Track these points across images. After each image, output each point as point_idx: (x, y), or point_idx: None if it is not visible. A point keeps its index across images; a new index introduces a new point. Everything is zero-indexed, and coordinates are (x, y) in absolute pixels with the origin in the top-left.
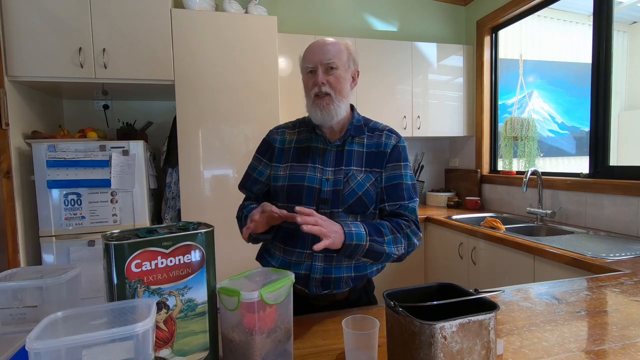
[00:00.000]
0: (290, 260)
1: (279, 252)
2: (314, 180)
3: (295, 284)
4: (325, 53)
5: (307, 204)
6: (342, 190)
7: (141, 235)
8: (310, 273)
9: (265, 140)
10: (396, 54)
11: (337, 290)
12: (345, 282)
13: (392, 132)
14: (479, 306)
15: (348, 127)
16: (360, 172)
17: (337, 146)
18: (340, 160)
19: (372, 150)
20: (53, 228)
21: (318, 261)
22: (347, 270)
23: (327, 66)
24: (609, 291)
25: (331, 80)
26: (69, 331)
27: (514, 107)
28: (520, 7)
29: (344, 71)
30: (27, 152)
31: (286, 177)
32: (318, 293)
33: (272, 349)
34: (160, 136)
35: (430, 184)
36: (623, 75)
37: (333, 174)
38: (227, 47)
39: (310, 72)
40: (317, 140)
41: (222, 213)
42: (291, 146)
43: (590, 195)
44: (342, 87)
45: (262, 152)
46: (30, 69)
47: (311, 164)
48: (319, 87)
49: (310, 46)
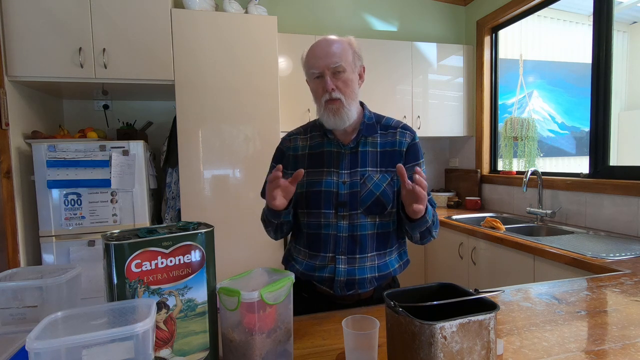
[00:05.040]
0: (314, 264)
1: (302, 257)
2: (331, 185)
3: (321, 285)
4: (330, 56)
5: (326, 209)
6: (360, 192)
7: (141, 235)
8: (334, 276)
9: (279, 149)
10: (396, 54)
11: (362, 290)
12: (370, 282)
13: (405, 128)
14: (479, 306)
15: (360, 128)
16: (376, 172)
17: (351, 149)
18: (355, 162)
19: (386, 150)
20: (53, 228)
21: (341, 264)
22: (371, 270)
23: (334, 70)
24: (609, 291)
25: (340, 85)
26: (69, 331)
27: (514, 107)
28: (520, 7)
29: (352, 72)
30: (27, 152)
31: (303, 184)
32: (343, 294)
33: (272, 349)
34: (160, 136)
35: (430, 184)
36: (623, 75)
37: (349, 177)
38: (227, 47)
39: (318, 77)
40: (329, 144)
41: (222, 213)
42: (305, 152)
43: (590, 195)
44: (351, 90)
45: (277, 160)
46: (30, 69)
47: (327, 168)
48: (329, 93)
49: (313, 49)
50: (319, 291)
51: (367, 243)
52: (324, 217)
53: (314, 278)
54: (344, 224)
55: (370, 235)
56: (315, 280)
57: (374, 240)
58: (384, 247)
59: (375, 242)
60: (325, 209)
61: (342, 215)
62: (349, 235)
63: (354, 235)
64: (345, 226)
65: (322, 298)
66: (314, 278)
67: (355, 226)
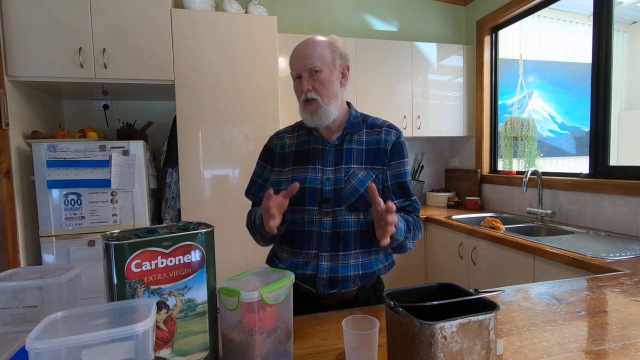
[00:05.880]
0: (297, 262)
1: (286, 255)
2: (315, 181)
3: (303, 283)
4: (306, 58)
5: (310, 205)
6: (344, 188)
7: (141, 235)
8: (317, 273)
9: (266, 147)
10: (396, 54)
11: (345, 290)
12: (353, 280)
13: (391, 127)
14: (479, 306)
15: (345, 125)
16: (360, 169)
17: (336, 146)
18: (340, 159)
19: (371, 147)
20: (53, 228)
21: (324, 260)
22: (355, 268)
23: (310, 71)
24: (609, 291)
25: (316, 85)
26: (69, 331)
27: (514, 107)
28: (520, 7)
29: (329, 72)
30: (27, 152)
31: (288, 180)
32: (326, 292)
33: (272, 349)
34: (160, 136)
35: (430, 184)
36: (623, 75)
37: (333, 173)
38: (227, 47)
39: (297, 78)
40: (315, 141)
41: (222, 213)
42: (292, 150)
43: (590, 195)
44: (328, 90)
45: (264, 159)
46: (30, 69)
47: (311, 165)
48: (305, 93)
49: (293, 51)
50: (301, 290)
51: (351, 240)
52: (307, 213)
53: (297, 276)
54: (328, 220)
55: (354, 232)
56: (298, 278)
57: (358, 237)
58: (369, 245)
59: (359, 239)
60: (309, 205)
61: (326, 211)
62: (332, 232)
63: (337, 232)
64: (329, 223)
65: (305, 297)
66: (297, 276)
67: (338, 223)
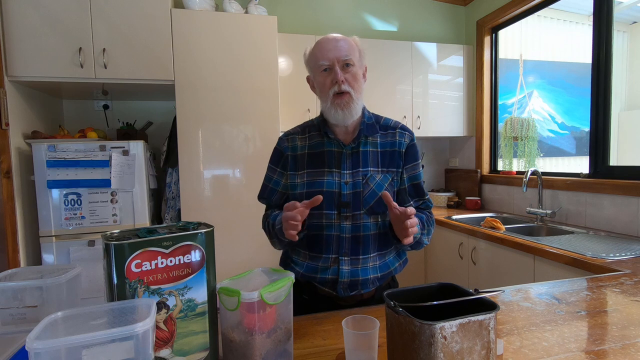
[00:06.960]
0: (316, 266)
1: (303, 259)
2: (333, 185)
3: (323, 287)
4: (340, 49)
5: (328, 209)
6: (362, 192)
7: (141, 235)
8: (338, 277)
9: (277, 149)
10: (396, 54)
11: (365, 291)
12: (372, 282)
13: (404, 129)
14: (479, 306)
15: (361, 127)
16: (377, 172)
17: (352, 148)
18: (357, 162)
19: (386, 150)
20: (53, 228)
21: (345, 265)
22: (374, 270)
23: (344, 63)
24: (609, 291)
25: (349, 77)
26: (69, 331)
27: (514, 107)
28: (520, 7)
29: (359, 68)
30: (27, 152)
31: (304, 184)
32: (346, 295)
33: (272, 349)
34: (160, 136)
35: (430, 184)
36: (623, 75)
37: (351, 177)
38: (227, 47)
39: (326, 70)
40: (330, 144)
41: (222, 213)
42: (304, 152)
43: (590, 195)
44: (359, 85)
45: (275, 161)
46: (30, 69)
47: (328, 168)
48: (338, 85)
49: (322, 43)
50: (320, 293)
51: (370, 243)
52: (326, 217)
53: (316, 280)
54: (347, 224)
55: (373, 235)
56: (318, 282)
57: (377, 240)
58: (385, 247)
59: (377, 242)
60: (327, 209)
61: (345, 215)
62: (352, 236)
63: (357, 235)
64: (349, 227)
65: (324, 300)
66: (316, 280)
67: (358, 227)
